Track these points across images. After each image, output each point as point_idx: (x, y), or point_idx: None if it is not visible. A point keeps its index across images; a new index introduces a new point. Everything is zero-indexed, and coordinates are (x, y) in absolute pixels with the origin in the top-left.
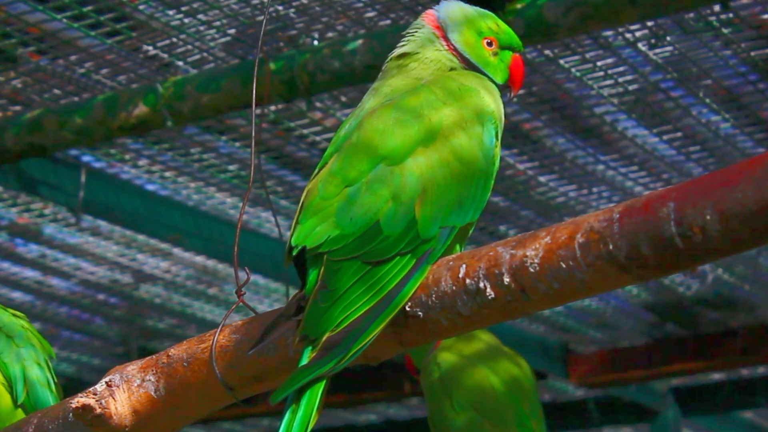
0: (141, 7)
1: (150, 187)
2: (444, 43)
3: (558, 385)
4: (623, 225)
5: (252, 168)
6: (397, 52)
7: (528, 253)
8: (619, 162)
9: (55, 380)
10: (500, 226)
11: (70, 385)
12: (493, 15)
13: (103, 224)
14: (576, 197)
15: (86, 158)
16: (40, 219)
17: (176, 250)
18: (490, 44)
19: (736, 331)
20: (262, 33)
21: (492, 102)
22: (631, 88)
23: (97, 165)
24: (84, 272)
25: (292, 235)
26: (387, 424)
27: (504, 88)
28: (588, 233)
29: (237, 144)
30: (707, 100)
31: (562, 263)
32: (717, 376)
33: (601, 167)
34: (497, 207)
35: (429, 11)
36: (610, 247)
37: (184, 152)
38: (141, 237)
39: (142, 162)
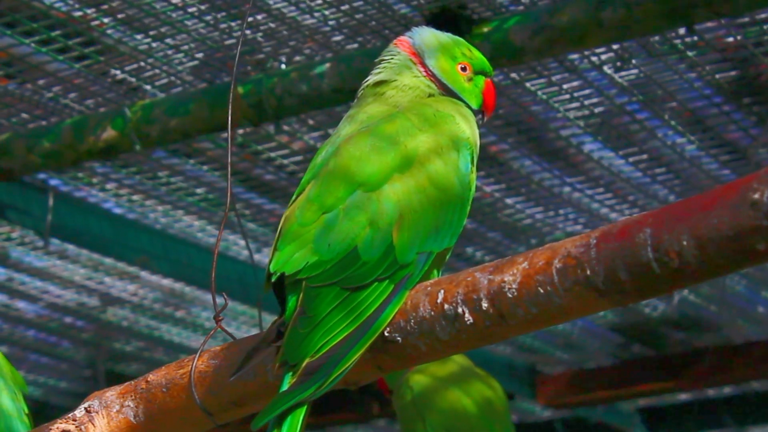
0: (108, 31)
1: (117, 211)
2: (421, 69)
3: (525, 406)
4: (600, 250)
5: (229, 194)
6: (373, 79)
7: (506, 279)
8: (585, 184)
9: (27, 411)
10: (467, 248)
11: (37, 409)
12: (464, 41)
13: (70, 247)
14: (543, 219)
15: (54, 182)
16: (8, 242)
17: (143, 273)
18: (464, 69)
19: (703, 351)
20: (238, 55)
21: (467, 128)
22: (596, 110)
23: (65, 188)
24: (51, 295)
25: (270, 261)
26: None
27: (477, 113)
28: (565, 259)
29: (205, 167)
30: (672, 123)
31: (540, 288)
32: (684, 397)
33: (567, 189)
34: (465, 229)
35: (402, 38)
36: (588, 272)
37: (151, 175)
38: (108, 260)
39: (110, 185)
